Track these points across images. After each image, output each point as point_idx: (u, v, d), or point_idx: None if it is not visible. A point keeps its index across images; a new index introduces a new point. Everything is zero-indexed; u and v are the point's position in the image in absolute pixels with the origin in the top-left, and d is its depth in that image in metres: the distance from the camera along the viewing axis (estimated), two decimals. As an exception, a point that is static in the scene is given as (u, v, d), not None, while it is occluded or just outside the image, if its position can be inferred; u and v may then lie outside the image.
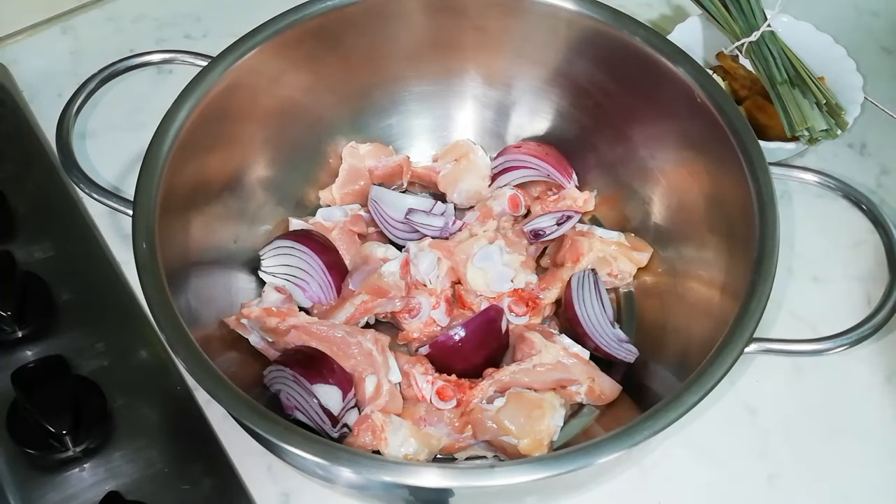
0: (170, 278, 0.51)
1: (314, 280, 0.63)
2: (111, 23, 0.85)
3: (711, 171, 0.60)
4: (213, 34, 0.85)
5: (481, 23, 0.66)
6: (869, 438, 0.63)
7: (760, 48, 0.72)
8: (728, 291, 0.55)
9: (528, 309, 0.63)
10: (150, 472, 0.58)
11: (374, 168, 0.70)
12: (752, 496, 0.60)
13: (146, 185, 0.54)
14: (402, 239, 0.67)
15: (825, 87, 0.71)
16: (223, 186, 0.62)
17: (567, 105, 0.69)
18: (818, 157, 0.77)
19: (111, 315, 0.66)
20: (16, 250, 0.66)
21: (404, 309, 0.63)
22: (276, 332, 0.59)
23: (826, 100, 0.69)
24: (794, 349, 0.52)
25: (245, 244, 0.64)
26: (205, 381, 0.47)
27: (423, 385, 0.59)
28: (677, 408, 0.46)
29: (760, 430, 0.63)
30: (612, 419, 0.59)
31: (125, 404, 0.61)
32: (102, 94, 0.63)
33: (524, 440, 0.55)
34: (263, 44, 0.61)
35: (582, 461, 0.45)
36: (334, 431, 0.55)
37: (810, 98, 0.69)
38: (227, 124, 0.61)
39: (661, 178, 0.65)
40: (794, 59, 0.72)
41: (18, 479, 0.58)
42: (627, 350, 0.61)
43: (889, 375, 0.66)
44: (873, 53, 0.85)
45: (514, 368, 0.58)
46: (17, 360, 0.62)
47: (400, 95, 0.72)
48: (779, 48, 0.72)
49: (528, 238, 0.67)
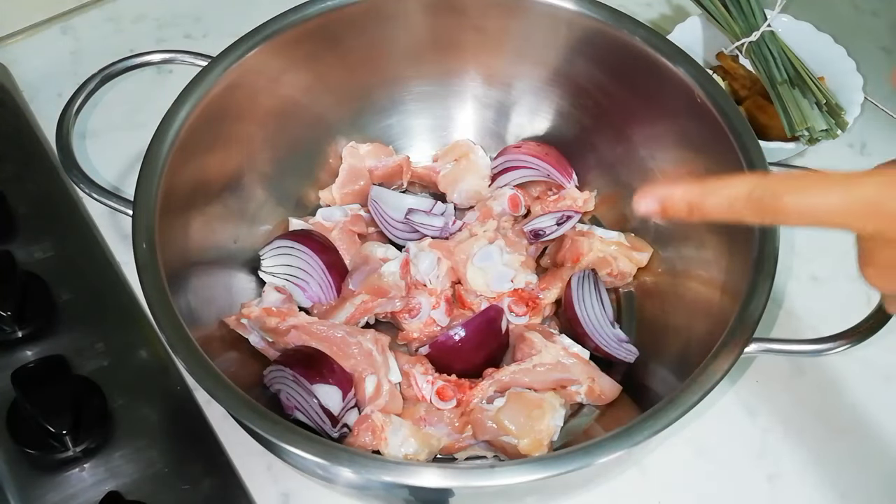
0: (170, 278, 0.51)
1: (314, 280, 0.63)
2: (111, 23, 0.85)
3: (711, 171, 0.60)
4: (213, 34, 0.85)
5: (481, 23, 0.66)
6: (868, 438, 0.63)
7: (760, 48, 0.72)
8: (728, 291, 0.55)
9: (528, 309, 0.63)
10: (150, 472, 0.58)
11: (374, 168, 0.70)
12: (752, 496, 0.60)
13: (146, 185, 0.54)
14: (402, 239, 0.67)
15: (825, 87, 0.71)
16: (223, 186, 0.62)
17: (567, 105, 0.69)
18: (818, 157, 0.77)
19: (111, 315, 0.66)
20: (16, 250, 0.66)
21: (404, 309, 0.63)
22: (276, 332, 0.59)
23: (826, 100, 0.69)
24: (794, 349, 0.52)
25: (245, 244, 0.64)
26: (205, 381, 0.47)
27: (423, 385, 0.59)
28: (677, 408, 0.46)
29: (760, 430, 0.63)
30: (612, 419, 0.59)
31: (125, 404, 0.61)
32: (102, 94, 0.63)
33: (524, 440, 0.55)
34: (263, 44, 0.61)
35: (582, 461, 0.45)
36: (334, 431, 0.55)
37: (810, 98, 0.69)
38: (227, 124, 0.61)
39: (661, 178, 0.65)
40: (794, 59, 0.72)
41: (18, 479, 0.58)
42: (627, 350, 0.61)
43: (889, 375, 0.66)
44: (873, 53, 0.86)
45: (514, 368, 0.58)
46: (17, 360, 0.62)
47: (400, 95, 0.72)
48: (779, 48, 0.72)
49: (528, 238, 0.67)
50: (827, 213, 0.37)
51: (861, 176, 0.37)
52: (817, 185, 0.38)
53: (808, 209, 0.38)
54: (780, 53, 0.72)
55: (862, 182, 0.37)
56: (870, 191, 0.37)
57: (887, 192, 0.37)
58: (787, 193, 0.38)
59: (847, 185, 0.37)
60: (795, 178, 0.38)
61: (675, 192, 0.40)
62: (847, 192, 0.37)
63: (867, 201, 0.37)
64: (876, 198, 0.37)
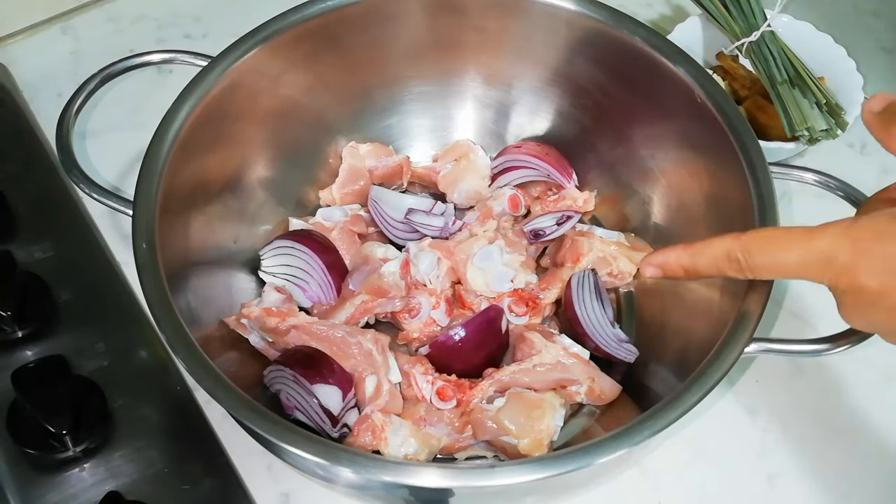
0: (170, 278, 0.51)
1: (314, 280, 0.63)
2: (111, 23, 0.85)
3: (711, 171, 0.60)
4: (213, 34, 0.85)
5: (481, 23, 0.66)
6: (868, 438, 0.63)
7: (760, 48, 0.72)
8: (728, 291, 0.55)
9: (528, 309, 0.63)
10: (150, 472, 0.58)
11: (374, 168, 0.70)
12: (752, 496, 0.60)
13: (146, 185, 0.54)
14: (402, 239, 0.67)
15: (825, 87, 0.71)
16: (223, 186, 0.62)
17: (567, 105, 0.69)
18: (818, 157, 0.77)
19: (111, 315, 0.66)
20: (16, 250, 0.66)
21: (404, 309, 0.63)
22: (276, 332, 0.59)
23: (826, 100, 0.69)
24: (794, 349, 0.52)
25: (245, 244, 0.64)
26: (205, 381, 0.47)
27: (423, 385, 0.59)
28: (677, 408, 0.46)
29: (760, 430, 0.63)
30: (612, 419, 0.59)
31: (125, 404, 0.61)
32: (102, 94, 0.63)
33: (524, 440, 0.55)
34: (263, 44, 0.61)
35: (582, 461, 0.45)
36: (334, 431, 0.55)
37: (810, 98, 0.69)
38: (227, 124, 0.61)
39: (661, 178, 0.65)
40: (794, 59, 0.72)
41: (18, 479, 0.58)
42: (627, 350, 0.61)
43: (889, 375, 0.66)
44: (873, 53, 0.85)
45: (514, 368, 0.58)
46: (17, 360, 0.62)
47: (400, 95, 0.72)
48: (779, 48, 0.72)
49: (528, 238, 0.67)
50: (789, 268, 0.41)
51: (819, 229, 0.40)
52: (781, 242, 0.41)
53: (775, 266, 0.42)
54: (780, 53, 0.72)
55: (817, 236, 0.40)
56: (823, 244, 0.40)
57: (840, 243, 0.40)
58: (757, 253, 0.42)
59: (805, 240, 0.40)
60: (764, 237, 0.42)
61: (670, 259, 0.46)
62: (804, 247, 0.40)
63: (820, 255, 0.40)
64: (829, 251, 0.40)
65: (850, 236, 0.39)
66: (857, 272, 0.39)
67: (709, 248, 0.44)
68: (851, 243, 0.39)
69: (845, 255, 0.39)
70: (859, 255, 0.39)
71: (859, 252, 0.39)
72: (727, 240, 0.43)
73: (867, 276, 0.39)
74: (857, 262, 0.39)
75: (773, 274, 0.42)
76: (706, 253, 0.44)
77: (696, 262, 0.45)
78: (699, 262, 0.45)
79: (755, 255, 0.42)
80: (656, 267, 0.47)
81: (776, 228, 0.43)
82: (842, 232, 0.40)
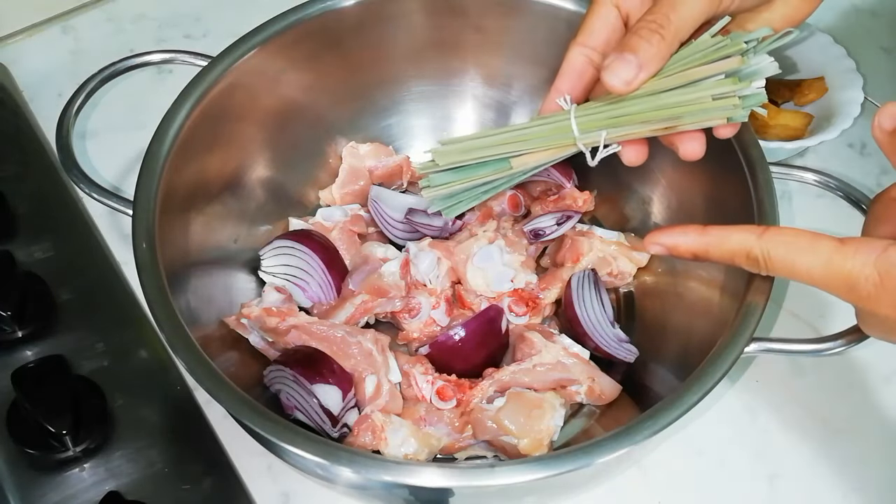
0: (170, 278, 0.51)
1: (314, 280, 0.63)
2: (111, 23, 0.85)
3: (711, 170, 0.60)
4: (213, 34, 0.85)
5: (481, 23, 0.66)
6: (869, 438, 0.63)
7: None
8: (728, 291, 0.55)
9: (528, 309, 0.63)
10: (150, 472, 0.58)
11: (374, 168, 0.70)
12: (752, 496, 0.60)
13: (146, 185, 0.54)
14: (402, 239, 0.67)
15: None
16: (223, 186, 0.62)
17: (567, 105, 0.69)
18: (818, 157, 0.77)
19: (111, 315, 0.66)
20: (16, 250, 0.66)
21: (404, 309, 0.63)
22: (276, 332, 0.59)
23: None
24: (794, 349, 0.52)
25: (245, 244, 0.64)
26: (205, 381, 0.47)
27: (423, 385, 0.59)
28: (677, 408, 0.46)
29: (760, 430, 0.63)
30: (612, 419, 0.59)
31: (125, 404, 0.61)
32: (102, 94, 0.63)
33: (524, 440, 0.55)
34: (263, 44, 0.61)
35: (582, 461, 0.45)
36: (334, 431, 0.55)
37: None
38: (227, 124, 0.61)
39: (661, 178, 0.65)
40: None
41: (18, 479, 0.58)
42: (627, 350, 0.61)
43: (889, 375, 0.66)
44: (873, 53, 0.85)
45: (514, 368, 0.58)
46: (17, 360, 0.62)
47: (400, 95, 0.72)
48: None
49: (528, 238, 0.67)
50: (809, 280, 0.41)
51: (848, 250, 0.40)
52: (806, 254, 0.41)
53: (794, 274, 0.41)
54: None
55: (846, 258, 0.39)
56: (851, 267, 0.39)
57: (867, 273, 0.39)
58: (779, 259, 0.41)
59: (831, 259, 0.40)
60: (788, 243, 0.41)
61: (681, 242, 0.44)
62: (829, 266, 0.40)
63: (845, 279, 0.40)
64: (854, 278, 0.39)
65: (880, 269, 0.39)
66: (880, 303, 0.39)
67: (727, 241, 0.43)
68: (880, 276, 0.38)
69: (870, 286, 0.39)
70: (884, 291, 0.39)
71: (885, 288, 0.39)
72: (748, 236, 0.42)
73: (890, 308, 0.39)
74: (881, 296, 0.39)
75: (790, 276, 0.42)
76: (724, 247, 0.43)
77: (711, 252, 0.43)
78: (713, 253, 0.43)
79: (776, 260, 0.41)
80: (664, 247, 0.45)
81: (800, 234, 0.41)
82: (872, 261, 0.39)
